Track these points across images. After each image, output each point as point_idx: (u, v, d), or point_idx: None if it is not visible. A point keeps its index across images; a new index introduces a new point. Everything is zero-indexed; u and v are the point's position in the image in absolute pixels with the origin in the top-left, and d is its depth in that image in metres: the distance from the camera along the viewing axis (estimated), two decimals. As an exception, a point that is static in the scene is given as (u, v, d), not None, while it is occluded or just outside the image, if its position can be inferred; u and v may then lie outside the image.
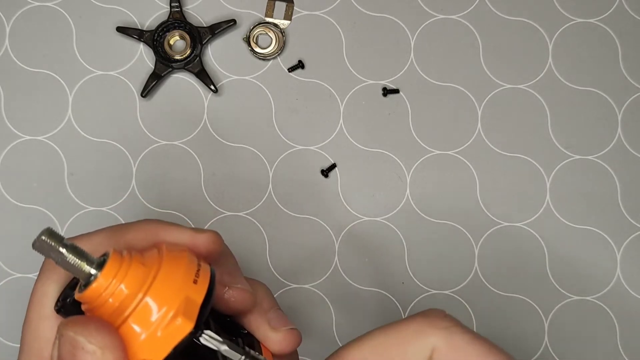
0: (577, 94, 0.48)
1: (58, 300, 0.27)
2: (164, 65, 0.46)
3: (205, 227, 0.46)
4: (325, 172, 0.47)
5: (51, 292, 0.28)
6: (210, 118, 0.47)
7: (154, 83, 0.46)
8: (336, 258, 0.46)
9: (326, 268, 0.46)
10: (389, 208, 0.47)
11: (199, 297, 0.25)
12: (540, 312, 0.47)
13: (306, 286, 0.46)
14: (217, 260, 0.29)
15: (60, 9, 0.47)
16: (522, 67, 0.48)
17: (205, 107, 0.47)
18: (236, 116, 0.47)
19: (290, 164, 0.47)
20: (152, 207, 0.46)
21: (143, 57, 0.47)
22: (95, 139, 0.47)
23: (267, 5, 0.48)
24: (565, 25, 0.49)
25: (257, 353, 0.26)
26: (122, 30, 0.46)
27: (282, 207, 0.47)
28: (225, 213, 0.46)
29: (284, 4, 0.48)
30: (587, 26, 0.49)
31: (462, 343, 0.26)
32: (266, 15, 0.48)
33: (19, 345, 0.47)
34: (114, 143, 0.47)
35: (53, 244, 0.23)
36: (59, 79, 0.47)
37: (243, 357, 0.25)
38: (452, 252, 0.47)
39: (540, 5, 0.49)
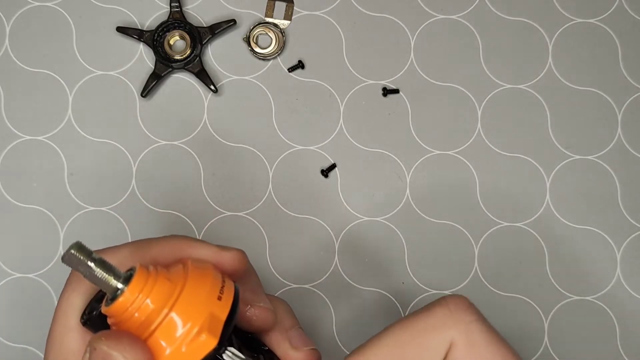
0: (577, 94, 0.48)
1: (84, 313, 0.27)
2: (164, 65, 0.46)
3: (205, 227, 0.46)
4: (325, 172, 0.47)
5: (77, 304, 0.28)
6: (210, 118, 0.47)
7: (154, 83, 0.46)
8: (336, 258, 0.46)
9: (326, 268, 0.46)
10: (389, 208, 0.47)
11: (223, 313, 0.25)
12: (540, 312, 0.47)
13: (306, 286, 0.46)
14: (241, 278, 0.30)
15: (60, 9, 0.47)
16: (522, 67, 0.48)
17: (205, 107, 0.47)
18: (236, 116, 0.47)
19: (290, 164, 0.47)
20: (152, 207, 0.46)
21: (143, 57, 0.47)
22: (95, 139, 0.47)
23: (267, 5, 0.48)
24: (565, 25, 0.49)
25: None
26: (122, 30, 0.46)
27: (282, 207, 0.47)
28: (225, 213, 0.46)
29: (284, 4, 0.48)
30: (587, 26, 0.49)
31: (481, 341, 0.27)
32: (266, 15, 0.48)
33: (18, 345, 0.47)
34: (114, 143, 0.47)
35: (82, 257, 0.24)
36: (59, 79, 0.47)
37: None
38: (452, 252, 0.47)
39: (540, 5, 0.49)
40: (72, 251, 0.24)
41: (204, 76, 0.46)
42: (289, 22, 0.48)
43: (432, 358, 0.26)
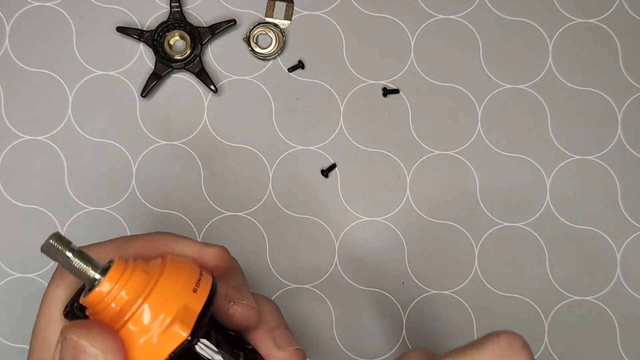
0: (577, 94, 0.48)
1: (67, 306, 0.28)
2: (164, 65, 0.46)
3: (205, 227, 0.46)
4: (325, 172, 0.47)
5: (61, 297, 0.28)
6: (210, 118, 0.47)
7: (154, 83, 0.46)
8: (336, 258, 0.46)
9: (326, 268, 0.46)
10: (389, 208, 0.47)
11: (197, 305, 0.25)
12: (540, 312, 0.47)
13: (306, 286, 0.46)
14: (224, 274, 0.30)
15: (60, 9, 0.47)
16: (522, 67, 0.48)
17: (205, 107, 0.47)
18: (236, 116, 0.47)
19: (290, 164, 0.47)
20: (152, 207, 0.46)
21: (143, 57, 0.47)
22: (95, 139, 0.47)
23: (267, 5, 0.48)
24: (565, 25, 0.49)
25: None
26: (122, 30, 0.46)
27: (282, 207, 0.47)
28: (225, 213, 0.46)
29: (284, 4, 0.48)
30: (587, 26, 0.49)
31: None
32: (266, 15, 0.48)
33: (18, 345, 0.47)
34: (114, 143, 0.47)
35: (60, 247, 0.24)
36: (59, 79, 0.47)
37: None
38: (452, 252, 0.47)
39: (540, 5, 0.49)
40: (51, 241, 0.24)
41: (204, 76, 0.46)
42: (289, 22, 0.48)
43: None
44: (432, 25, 0.48)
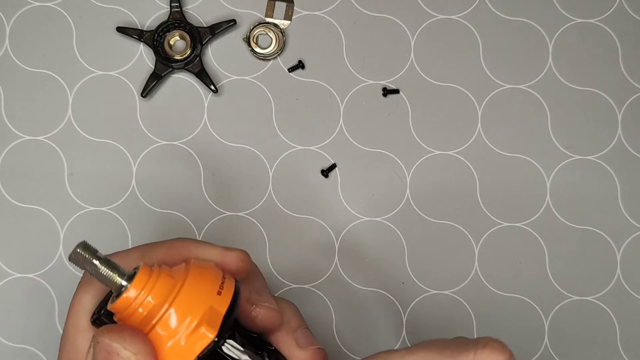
0: (577, 94, 0.48)
1: (94, 313, 0.28)
2: (164, 65, 0.46)
3: (205, 227, 0.46)
4: (325, 172, 0.47)
5: (87, 305, 0.29)
6: (210, 118, 0.47)
7: (154, 83, 0.46)
8: (336, 258, 0.46)
9: (326, 268, 0.46)
10: (389, 208, 0.47)
11: (222, 307, 0.26)
12: (540, 312, 0.47)
13: (306, 286, 0.46)
14: (245, 278, 0.30)
15: (60, 9, 0.47)
16: (522, 67, 0.48)
17: (205, 107, 0.47)
18: (236, 116, 0.47)
19: (290, 164, 0.47)
20: (152, 207, 0.46)
21: (143, 57, 0.47)
22: (95, 139, 0.47)
23: (267, 5, 0.48)
24: (565, 26, 0.49)
25: None
26: (122, 30, 0.46)
27: (282, 207, 0.47)
28: (225, 213, 0.46)
29: (284, 4, 0.48)
30: (587, 26, 0.49)
31: None
32: (266, 16, 0.48)
33: (18, 345, 0.47)
34: (114, 143, 0.47)
35: (87, 256, 0.25)
36: (59, 79, 0.47)
37: None
38: (452, 252, 0.47)
39: (540, 5, 0.49)
40: (78, 250, 0.25)
41: (204, 76, 0.46)
42: (289, 22, 0.48)
43: None
44: (432, 25, 0.48)
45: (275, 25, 0.47)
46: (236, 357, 0.26)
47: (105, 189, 0.46)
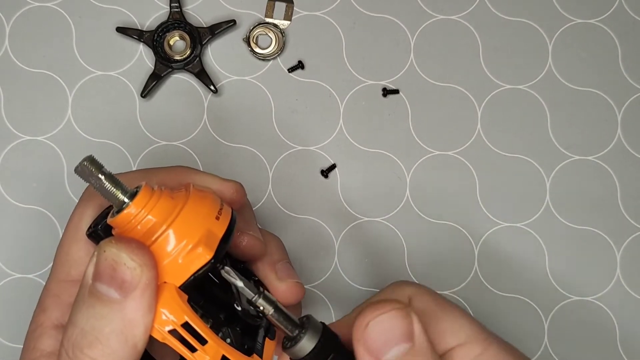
0: (577, 94, 0.48)
1: (90, 226, 0.29)
2: (164, 65, 0.46)
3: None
4: (325, 172, 0.47)
5: (86, 218, 0.30)
6: (210, 118, 0.47)
7: (154, 83, 0.46)
8: (336, 258, 0.46)
9: (326, 268, 0.46)
10: (389, 208, 0.47)
11: (219, 231, 0.27)
12: (540, 312, 0.47)
13: (306, 286, 0.46)
14: (237, 209, 0.31)
15: (60, 9, 0.47)
16: (522, 67, 0.48)
17: (205, 107, 0.47)
18: (236, 116, 0.47)
19: (290, 164, 0.47)
20: (152, 207, 0.46)
21: (143, 58, 0.47)
22: (95, 139, 0.47)
23: (267, 6, 0.48)
24: (565, 26, 0.49)
25: (269, 294, 0.28)
26: (122, 30, 0.46)
27: (282, 207, 0.47)
28: (225, 213, 0.46)
29: (284, 4, 0.48)
30: (587, 26, 0.49)
31: (429, 296, 0.31)
32: (266, 16, 0.48)
33: (18, 345, 0.47)
34: (114, 143, 0.47)
35: (93, 170, 0.26)
36: (59, 79, 0.47)
37: (256, 296, 0.28)
38: (452, 252, 0.47)
39: (540, 5, 0.49)
40: (85, 163, 0.26)
41: (204, 76, 0.46)
42: (289, 22, 0.48)
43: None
44: (432, 26, 0.48)
45: (275, 25, 0.47)
46: (233, 282, 0.27)
47: (105, 189, 0.46)
